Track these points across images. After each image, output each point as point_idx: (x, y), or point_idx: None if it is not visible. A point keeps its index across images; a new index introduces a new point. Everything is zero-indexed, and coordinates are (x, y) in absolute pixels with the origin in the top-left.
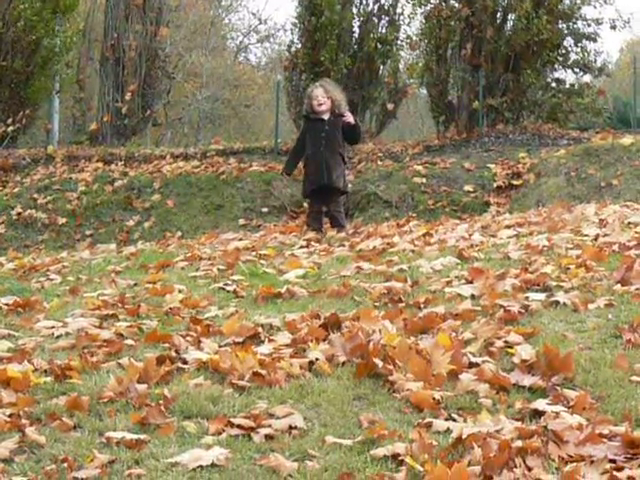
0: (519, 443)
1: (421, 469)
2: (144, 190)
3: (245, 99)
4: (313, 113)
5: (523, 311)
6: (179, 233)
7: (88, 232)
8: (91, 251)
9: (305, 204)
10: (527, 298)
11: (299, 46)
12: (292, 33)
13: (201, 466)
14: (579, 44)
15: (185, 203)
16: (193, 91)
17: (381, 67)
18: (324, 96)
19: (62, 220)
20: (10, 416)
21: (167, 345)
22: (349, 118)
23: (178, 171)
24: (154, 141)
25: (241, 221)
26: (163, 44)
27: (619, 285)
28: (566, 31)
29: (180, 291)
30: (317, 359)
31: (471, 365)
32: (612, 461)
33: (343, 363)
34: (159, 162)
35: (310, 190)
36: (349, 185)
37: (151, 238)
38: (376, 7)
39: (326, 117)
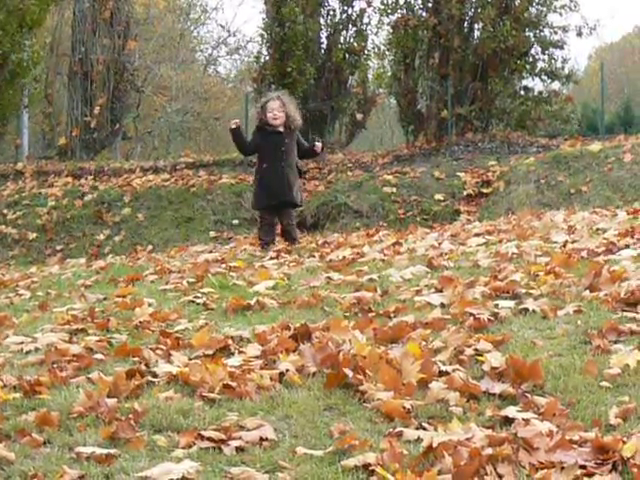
0: (490, 451)
1: (392, 479)
2: (114, 204)
3: (215, 111)
4: (268, 125)
5: (493, 319)
6: (150, 246)
7: (59, 247)
8: (61, 266)
9: None
10: (497, 306)
11: (267, 58)
12: (260, 45)
13: (172, 479)
14: (546, 52)
15: (155, 216)
16: (162, 104)
17: (349, 77)
18: (280, 110)
19: (32, 235)
20: None
21: (137, 359)
22: (318, 149)
23: (148, 184)
24: (124, 155)
25: (212, 233)
26: (131, 57)
27: (588, 291)
28: (533, 39)
29: (150, 304)
30: (287, 370)
31: (441, 373)
32: (582, 467)
33: (313, 374)
34: (129, 176)
35: (267, 204)
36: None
37: (122, 252)
38: (344, 17)
39: (282, 129)
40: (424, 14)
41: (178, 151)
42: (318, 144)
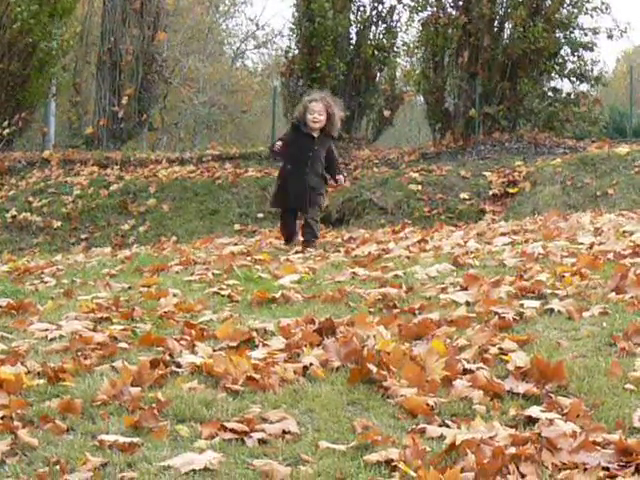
0: (513, 450)
1: (414, 475)
2: (139, 194)
3: (242, 105)
4: (305, 126)
5: (518, 318)
6: (174, 238)
7: (83, 236)
8: (86, 254)
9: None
10: (522, 305)
11: (296, 52)
12: (289, 39)
13: (194, 470)
14: (576, 53)
15: (180, 208)
16: (190, 96)
17: (378, 74)
18: (322, 113)
19: (57, 223)
20: (2, 418)
21: (161, 349)
22: (340, 181)
23: (174, 176)
24: (150, 146)
25: (236, 226)
26: (160, 49)
27: (614, 293)
28: (563, 40)
29: (174, 295)
30: (311, 364)
31: (465, 371)
32: (605, 469)
33: (337, 368)
34: (155, 166)
35: (283, 207)
36: (326, 200)
37: (146, 242)
38: (374, 14)
39: (316, 135)
40: (454, 12)
41: (204, 143)
42: (340, 177)
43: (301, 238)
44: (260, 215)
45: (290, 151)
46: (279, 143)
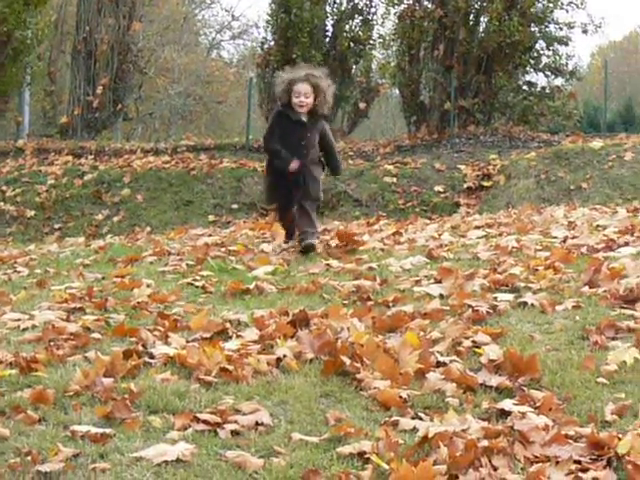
0: (485, 443)
1: (387, 467)
2: (114, 184)
3: (217, 95)
4: (290, 110)
5: (491, 311)
6: (148, 228)
7: (57, 225)
8: (59, 244)
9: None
10: (495, 298)
11: (272, 43)
12: (265, 30)
13: (166, 461)
14: (551, 47)
15: (155, 198)
16: (165, 86)
17: (354, 66)
18: (309, 94)
19: (30, 213)
20: None
21: (134, 339)
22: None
23: (148, 166)
24: (125, 135)
25: (211, 217)
26: (135, 38)
27: (587, 287)
28: (538, 34)
29: (148, 285)
30: (285, 356)
31: (438, 364)
32: (577, 462)
33: (311, 360)
34: (129, 156)
35: (279, 204)
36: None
37: (120, 232)
38: (350, 6)
39: (305, 119)
40: (430, 5)
41: (179, 134)
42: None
43: (297, 232)
44: (234, 206)
45: (280, 142)
46: (294, 165)
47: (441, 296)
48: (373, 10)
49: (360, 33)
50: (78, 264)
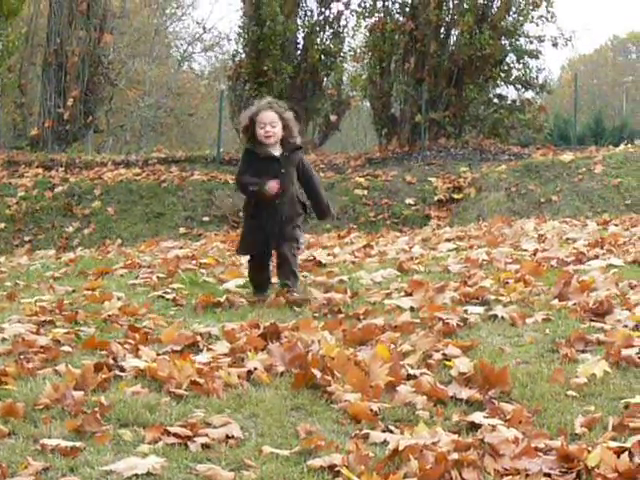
0: (455, 456)
1: None
2: (84, 197)
3: (188, 108)
4: (258, 145)
5: (462, 324)
6: (119, 240)
7: (27, 238)
8: (29, 257)
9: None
10: (466, 311)
11: (243, 56)
12: (236, 43)
13: (137, 474)
14: (521, 60)
15: (126, 210)
16: (136, 99)
17: (325, 79)
18: (276, 123)
19: (0, 225)
20: None
21: (105, 352)
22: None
23: (119, 178)
24: (95, 148)
25: (182, 230)
26: (106, 51)
27: (557, 300)
28: (509, 47)
29: (119, 298)
30: (255, 369)
31: (409, 377)
32: (547, 475)
33: (281, 373)
34: (100, 169)
35: (255, 252)
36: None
37: (91, 245)
38: (321, 19)
39: (277, 152)
40: (401, 18)
41: (150, 146)
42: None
43: (275, 280)
44: (206, 218)
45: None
46: (273, 183)
47: (412, 309)
48: (344, 23)
49: (331, 46)
50: (48, 277)
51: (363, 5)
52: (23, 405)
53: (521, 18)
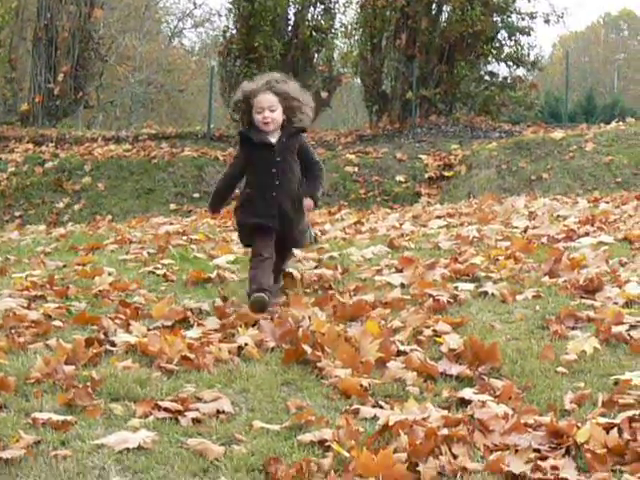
0: (445, 431)
1: (347, 455)
2: (75, 172)
3: (178, 84)
4: (255, 130)
5: (452, 301)
6: (109, 216)
7: (17, 213)
8: (20, 232)
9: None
10: (456, 288)
11: (234, 32)
12: (227, 18)
13: (128, 448)
14: (513, 37)
15: (116, 186)
16: (126, 74)
17: (315, 55)
18: (275, 106)
19: None
20: None
21: (96, 327)
22: (309, 209)
23: (109, 154)
24: (85, 124)
25: (172, 206)
26: (97, 26)
27: (547, 277)
28: (500, 24)
29: (110, 274)
30: (246, 344)
31: (399, 353)
32: (537, 450)
33: (272, 349)
34: (90, 145)
35: (249, 241)
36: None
37: (81, 220)
38: None
39: (274, 139)
40: None
41: (140, 122)
42: (308, 202)
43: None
44: (196, 195)
45: (248, 172)
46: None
47: (402, 285)
48: None
49: (322, 22)
50: (39, 252)
51: None
52: (14, 379)
53: None
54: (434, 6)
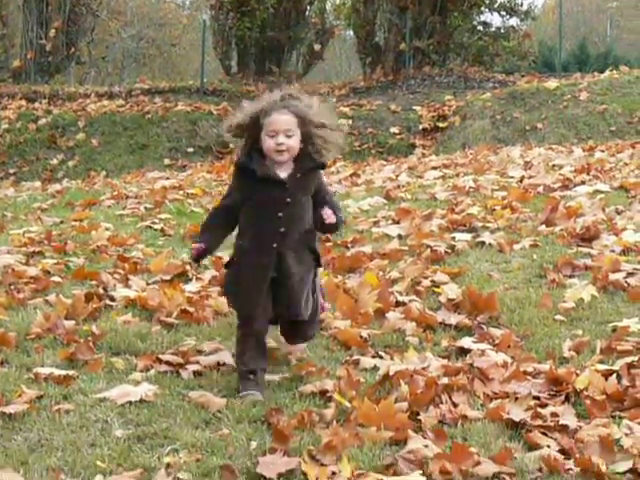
0: (445, 380)
1: (349, 405)
2: (68, 129)
3: (170, 38)
4: (258, 161)
5: (450, 251)
6: (104, 172)
7: (11, 170)
8: (16, 188)
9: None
10: (453, 238)
11: None
12: None
13: (130, 402)
14: None
15: (110, 142)
16: (117, 29)
17: (308, 7)
18: (291, 130)
19: None
20: None
21: (94, 282)
22: (329, 218)
23: (103, 110)
24: (77, 80)
25: (166, 161)
26: None
27: (544, 226)
28: None
29: (107, 229)
30: None
31: (398, 304)
32: (536, 398)
33: None
34: (83, 100)
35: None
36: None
37: (75, 177)
38: None
39: (285, 173)
40: None
41: (132, 77)
42: (327, 211)
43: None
44: (190, 150)
45: (246, 214)
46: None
47: (399, 236)
48: None
49: None
50: (36, 208)
51: None
52: (15, 335)
53: None
54: None
